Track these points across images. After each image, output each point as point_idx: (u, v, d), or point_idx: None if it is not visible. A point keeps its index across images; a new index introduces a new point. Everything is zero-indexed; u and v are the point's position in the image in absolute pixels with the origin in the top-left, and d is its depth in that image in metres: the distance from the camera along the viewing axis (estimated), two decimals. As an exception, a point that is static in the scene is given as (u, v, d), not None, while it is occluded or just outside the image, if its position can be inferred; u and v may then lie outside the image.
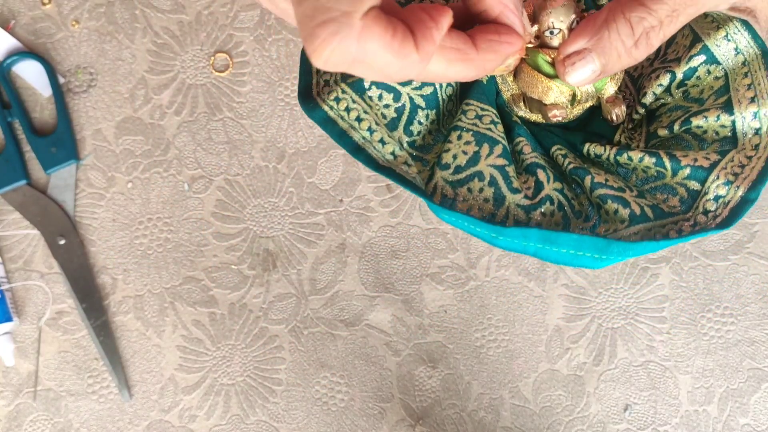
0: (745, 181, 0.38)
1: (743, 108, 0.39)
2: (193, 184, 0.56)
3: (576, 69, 0.35)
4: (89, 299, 0.55)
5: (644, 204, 0.39)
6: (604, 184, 0.39)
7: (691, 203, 0.39)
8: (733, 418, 0.53)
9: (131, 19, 0.58)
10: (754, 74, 0.40)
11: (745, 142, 0.39)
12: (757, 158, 0.39)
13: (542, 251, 0.39)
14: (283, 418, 0.54)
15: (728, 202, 0.38)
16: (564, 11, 0.36)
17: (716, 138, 0.40)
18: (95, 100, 0.57)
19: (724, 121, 0.39)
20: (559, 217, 0.40)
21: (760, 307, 0.54)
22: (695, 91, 0.41)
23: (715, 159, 0.39)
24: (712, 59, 0.40)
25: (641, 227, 0.38)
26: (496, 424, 0.54)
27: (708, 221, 0.38)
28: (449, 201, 0.40)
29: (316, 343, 0.55)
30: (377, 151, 0.40)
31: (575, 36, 0.35)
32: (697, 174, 0.39)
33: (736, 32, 0.40)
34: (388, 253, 0.55)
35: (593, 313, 0.54)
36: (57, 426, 0.55)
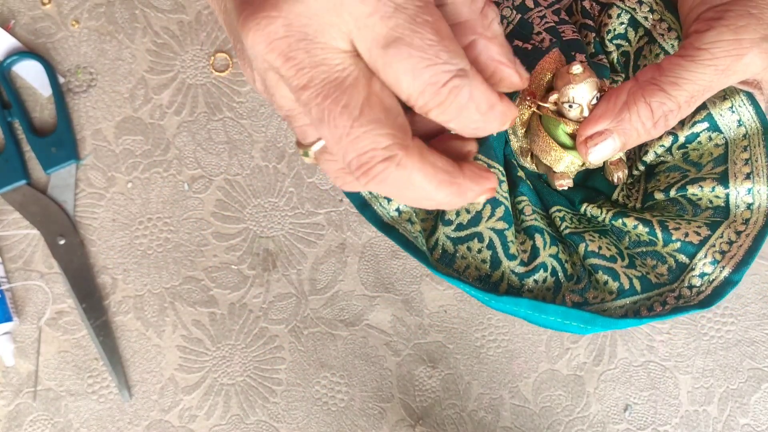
0: (731, 262, 0.40)
1: (738, 183, 0.40)
2: (193, 184, 0.56)
3: (598, 149, 0.37)
4: (89, 299, 0.55)
5: (633, 275, 0.41)
6: (596, 253, 0.41)
7: (679, 274, 0.41)
8: (733, 418, 0.53)
9: (131, 19, 0.58)
10: (753, 150, 0.41)
11: (737, 214, 0.41)
12: (745, 235, 0.40)
13: (532, 317, 0.41)
14: (283, 418, 0.54)
15: (712, 281, 0.40)
16: (587, 88, 0.37)
17: (710, 206, 0.41)
18: (95, 100, 0.57)
19: (718, 193, 0.41)
20: (551, 283, 0.41)
21: (760, 307, 0.54)
22: (695, 155, 0.42)
23: (706, 235, 0.40)
24: (715, 128, 0.41)
25: (628, 301, 0.40)
26: (496, 424, 0.54)
27: (692, 296, 0.40)
28: (449, 256, 0.41)
29: (316, 343, 0.55)
30: (382, 208, 0.41)
31: (597, 118, 0.37)
32: (686, 249, 0.40)
33: (741, 105, 0.41)
34: (388, 253, 0.55)
35: (593, 313, 0.54)
36: (57, 426, 0.55)
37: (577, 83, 0.37)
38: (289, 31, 0.26)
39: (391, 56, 0.27)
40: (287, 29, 0.26)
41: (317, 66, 0.27)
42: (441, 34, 0.27)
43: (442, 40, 0.27)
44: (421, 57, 0.27)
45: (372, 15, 0.26)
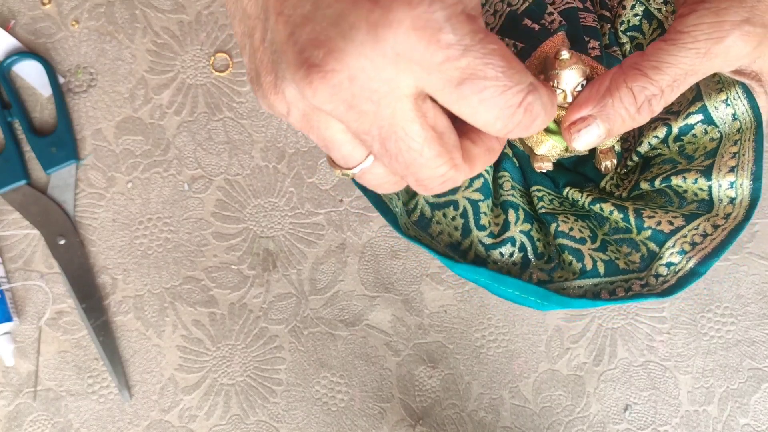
0: (699, 254, 0.40)
1: (721, 176, 0.40)
2: (193, 184, 0.56)
3: (581, 135, 0.37)
4: (89, 299, 0.55)
5: (599, 258, 0.41)
6: (566, 233, 0.42)
7: (649, 263, 0.41)
8: (733, 418, 0.53)
9: (131, 19, 0.58)
10: (743, 144, 0.41)
11: (720, 209, 0.41)
12: (722, 229, 0.40)
13: (491, 286, 0.41)
14: (283, 418, 0.54)
15: (678, 271, 0.40)
16: (572, 74, 0.37)
17: (695, 199, 0.41)
18: (95, 100, 0.57)
19: (701, 185, 0.41)
20: (518, 258, 0.42)
21: (760, 307, 0.54)
22: (690, 148, 0.42)
23: (679, 225, 0.40)
24: (709, 120, 0.41)
25: (588, 282, 0.41)
26: (496, 424, 0.54)
27: (656, 285, 0.40)
28: (425, 220, 0.42)
29: (316, 343, 0.55)
30: None
31: (580, 104, 0.37)
32: (656, 237, 0.40)
33: (736, 98, 0.41)
34: (388, 253, 0.55)
35: (593, 313, 0.54)
36: (57, 426, 0.55)
37: (563, 69, 0.37)
38: (353, 84, 0.27)
39: (465, 92, 0.27)
40: (351, 82, 0.27)
41: (380, 113, 0.28)
42: (508, 58, 0.28)
43: (510, 63, 0.28)
44: (495, 86, 0.27)
45: (443, 62, 0.27)
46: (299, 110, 0.30)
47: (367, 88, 0.27)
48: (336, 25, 0.26)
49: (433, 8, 0.26)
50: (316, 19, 0.27)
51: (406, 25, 0.26)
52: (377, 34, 0.26)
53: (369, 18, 0.26)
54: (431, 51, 0.26)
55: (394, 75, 0.27)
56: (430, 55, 0.26)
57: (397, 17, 0.26)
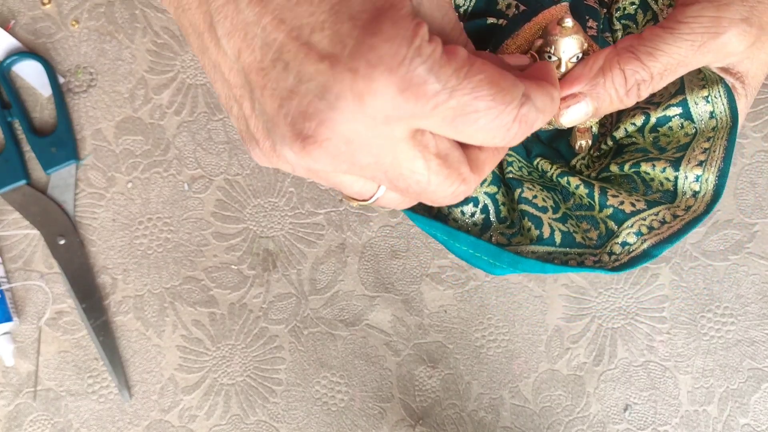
0: (654, 238, 0.40)
1: (689, 168, 0.41)
2: (193, 184, 0.56)
3: (569, 111, 0.37)
4: (89, 299, 0.55)
5: (558, 228, 0.42)
6: (529, 200, 0.42)
7: (606, 241, 0.42)
8: (733, 418, 0.53)
9: (131, 19, 0.58)
10: (715, 142, 0.41)
11: (682, 201, 0.41)
12: (681, 219, 0.41)
13: (447, 243, 0.42)
14: (283, 418, 0.54)
15: (631, 251, 0.41)
16: (572, 43, 0.37)
17: (660, 189, 0.42)
18: (95, 100, 0.57)
19: (668, 175, 0.41)
20: (480, 220, 0.42)
21: (760, 307, 0.54)
22: (664, 141, 0.42)
23: (640, 208, 0.41)
24: (687, 115, 0.42)
25: (542, 249, 0.41)
26: (496, 424, 0.54)
27: (609, 262, 0.41)
28: None
29: (316, 343, 0.55)
30: None
31: (572, 80, 0.37)
32: (616, 215, 0.41)
33: (716, 96, 0.41)
34: (388, 253, 0.55)
35: (593, 313, 0.54)
36: (57, 426, 0.55)
37: (563, 36, 0.37)
38: (350, 146, 0.28)
39: (460, 126, 0.28)
40: (348, 145, 0.28)
41: (381, 162, 0.29)
42: (495, 80, 0.28)
43: (498, 86, 0.28)
44: (488, 113, 0.28)
45: (434, 109, 0.27)
46: (303, 168, 0.30)
47: (365, 146, 0.28)
48: (322, 98, 0.27)
49: (414, 65, 0.26)
50: (301, 92, 0.27)
51: (392, 90, 0.26)
52: (364, 103, 0.26)
53: (353, 89, 0.26)
54: (420, 104, 0.27)
55: (388, 130, 0.27)
56: (420, 108, 0.27)
57: (381, 85, 0.26)
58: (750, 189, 0.55)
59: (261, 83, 0.28)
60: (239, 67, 0.29)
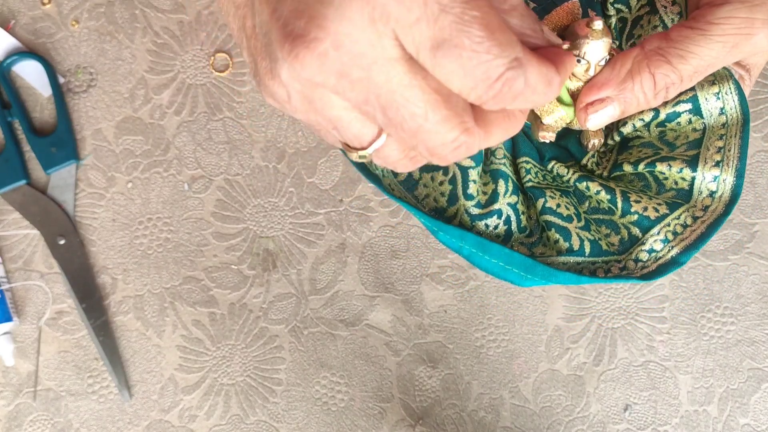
0: (681, 243, 0.40)
1: (707, 169, 0.40)
2: (193, 184, 0.56)
3: (597, 116, 0.36)
4: (89, 299, 0.55)
5: (585, 238, 0.41)
6: (553, 210, 0.41)
7: (629, 246, 0.41)
8: (733, 418, 0.53)
9: (131, 19, 0.58)
10: (729, 140, 0.41)
11: (698, 200, 0.41)
12: (701, 221, 0.40)
13: (475, 256, 0.41)
14: (283, 418, 0.54)
15: (659, 258, 0.41)
16: (602, 46, 0.36)
17: (674, 187, 0.42)
18: (95, 100, 0.57)
19: (685, 175, 0.41)
20: (502, 231, 0.42)
21: (760, 307, 0.54)
22: (671, 135, 0.42)
23: (664, 212, 0.41)
24: (697, 111, 0.41)
25: (572, 260, 0.41)
26: (496, 424, 0.54)
27: (635, 269, 0.40)
28: (412, 182, 0.42)
29: (316, 343, 0.55)
30: None
31: (601, 85, 0.36)
32: (642, 222, 0.41)
33: (727, 93, 0.41)
34: (388, 253, 0.55)
35: (593, 313, 0.54)
36: (57, 426, 0.55)
37: (594, 39, 0.36)
38: (339, 50, 0.27)
39: (440, 58, 0.26)
40: (337, 49, 0.27)
41: (373, 80, 0.27)
42: (490, 27, 0.26)
43: (492, 34, 0.26)
44: (471, 56, 0.26)
45: (418, 20, 0.26)
46: (298, 92, 0.29)
47: (354, 53, 0.27)
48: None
49: None
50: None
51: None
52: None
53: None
54: (406, 6, 0.25)
55: (377, 37, 0.26)
56: (405, 12, 0.26)
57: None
58: (750, 189, 0.55)
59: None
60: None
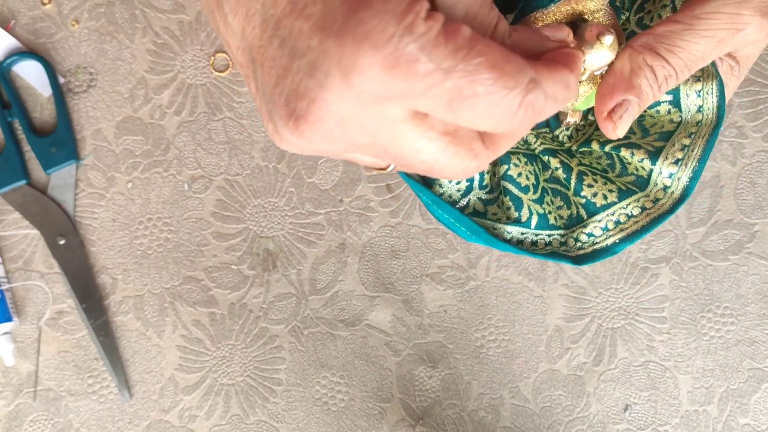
0: (620, 234, 0.41)
1: (666, 164, 0.41)
2: (193, 184, 0.56)
3: (624, 121, 0.36)
4: (89, 299, 0.55)
5: (535, 211, 0.43)
6: (513, 179, 0.43)
7: (575, 223, 0.42)
8: (733, 418, 0.53)
9: (131, 19, 0.58)
10: (696, 140, 0.41)
11: (652, 191, 0.42)
12: (647, 214, 0.41)
13: (431, 207, 0.43)
14: (283, 418, 0.54)
15: (595, 244, 0.42)
16: (604, 60, 0.36)
17: (635, 173, 0.42)
18: (95, 100, 0.57)
19: (645, 165, 0.42)
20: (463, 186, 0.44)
21: (760, 307, 0.54)
22: (649, 122, 0.43)
23: (612, 200, 0.42)
24: (677, 104, 0.42)
25: (517, 230, 0.42)
26: (496, 424, 0.54)
27: (572, 248, 0.42)
28: None
29: (316, 343, 0.55)
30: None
31: (611, 92, 0.36)
32: (589, 206, 0.42)
33: (708, 92, 0.41)
34: (388, 253, 0.55)
35: (593, 313, 0.54)
36: (57, 426, 0.55)
37: (599, 50, 0.36)
38: (344, 126, 0.27)
39: (458, 111, 0.27)
40: (341, 126, 0.27)
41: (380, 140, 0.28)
42: (497, 65, 0.26)
43: (501, 70, 0.26)
44: (488, 99, 0.26)
45: (427, 89, 0.26)
46: (308, 148, 0.29)
47: (359, 126, 0.27)
48: (312, 76, 0.26)
49: (404, 43, 0.25)
50: (293, 69, 0.26)
51: (377, 68, 0.25)
52: (351, 81, 0.25)
53: (340, 65, 0.25)
54: (411, 83, 0.26)
55: (380, 110, 0.27)
56: (411, 87, 0.26)
57: (366, 62, 0.25)
58: (750, 189, 0.55)
59: (261, 60, 0.27)
60: (245, 45, 0.28)
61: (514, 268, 0.55)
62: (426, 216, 0.55)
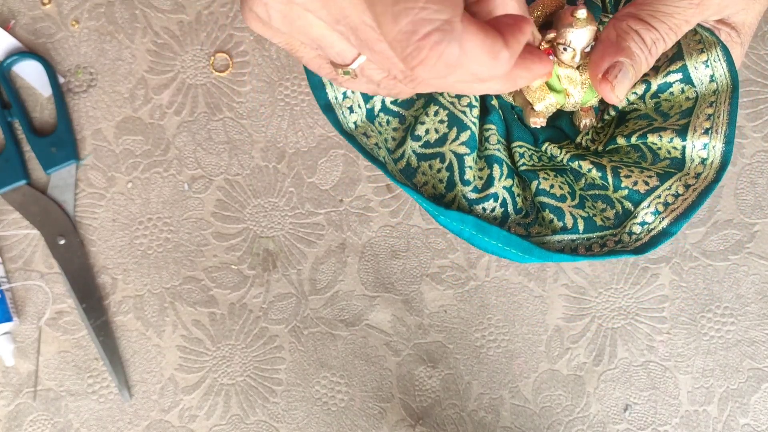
0: (672, 214, 0.41)
1: (696, 137, 0.41)
2: (193, 184, 0.56)
3: (620, 82, 0.37)
4: (89, 299, 0.55)
5: (579, 215, 0.42)
6: (547, 191, 0.42)
7: (623, 220, 0.42)
8: (733, 418, 0.53)
9: (131, 19, 0.58)
10: (718, 106, 0.41)
11: (691, 168, 0.41)
12: (693, 189, 0.41)
13: (475, 238, 0.42)
14: (283, 418, 0.54)
15: (651, 230, 0.41)
16: (586, 34, 0.37)
17: (668, 156, 0.42)
18: (95, 100, 0.57)
19: (676, 144, 0.42)
20: (499, 213, 0.43)
21: (760, 307, 0.54)
22: (666, 105, 0.43)
23: (654, 185, 0.42)
24: (688, 80, 0.42)
25: (566, 238, 0.42)
26: (496, 424, 0.54)
27: (630, 242, 0.41)
28: (411, 170, 0.43)
29: (316, 343, 0.55)
30: (344, 117, 0.43)
31: (603, 56, 0.37)
32: (632, 196, 0.42)
33: (716, 60, 0.41)
34: (388, 253, 0.55)
35: (593, 313, 0.54)
36: (57, 426, 0.55)
37: (579, 27, 0.37)
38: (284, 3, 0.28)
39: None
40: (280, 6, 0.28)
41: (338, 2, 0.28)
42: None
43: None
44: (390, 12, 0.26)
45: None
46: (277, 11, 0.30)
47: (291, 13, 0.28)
48: None
49: None
50: None
51: None
52: None
53: None
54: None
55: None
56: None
57: None
58: (750, 189, 0.55)
59: None
60: None
61: (514, 268, 0.55)
62: (426, 216, 0.55)
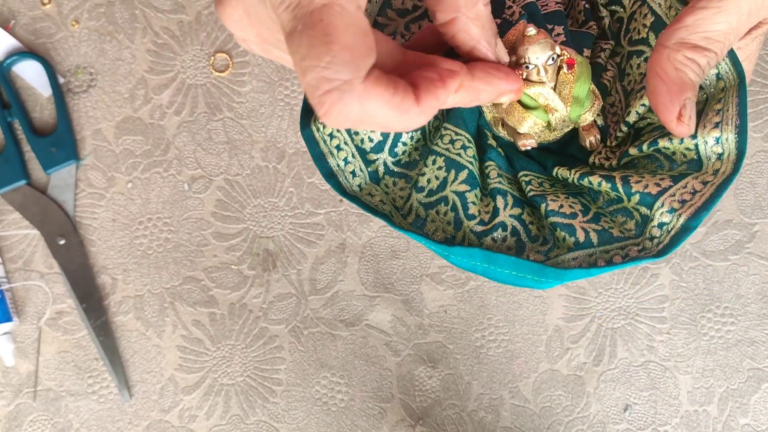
0: (689, 209, 0.40)
1: (706, 132, 0.41)
2: (193, 184, 0.56)
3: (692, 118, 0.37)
4: (89, 299, 0.55)
5: (591, 229, 0.42)
6: (556, 211, 0.42)
7: (643, 228, 0.41)
8: (733, 418, 0.53)
9: (131, 19, 0.58)
10: (727, 101, 0.41)
11: (709, 166, 0.41)
12: (711, 185, 0.40)
13: (489, 270, 0.42)
14: (283, 418, 0.54)
15: (671, 230, 0.40)
16: (540, 48, 0.38)
17: (684, 160, 0.42)
18: (95, 100, 0.57)
19: (688, 144, 0.41)
20: (512, 242, 0.43)
21: (760, 307, 0.54)
22: None
23: (666, 185, 0.41)
24: None
25: (581, 253, 0.41)
26: (496, 424, 0.54)
27: (652, 247, 0.40)
28: (421, 221, 0.44)
29: (316, 343, 0.55)
30: (347, 181, 0.43)
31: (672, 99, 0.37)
32: (645, 200, 0.41)
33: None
34: (388, 253, 0.55)
35: (593, 313, 0.54)
36: (57, 426, 0.55)
37: (531, 44, 0.38)
38: (248, 14, 0.29)
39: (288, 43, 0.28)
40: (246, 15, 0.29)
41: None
42: (331, 37, 0.27)
43: (329, 44, 0.27)
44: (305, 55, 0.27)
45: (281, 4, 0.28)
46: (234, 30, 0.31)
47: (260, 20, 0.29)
48: None
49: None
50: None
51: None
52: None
53: None
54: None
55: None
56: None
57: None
58: (750, 189, 0.55)
59: None
60: None
61: (514, 268, 0.55)
62: (426, 216, 0.55)
